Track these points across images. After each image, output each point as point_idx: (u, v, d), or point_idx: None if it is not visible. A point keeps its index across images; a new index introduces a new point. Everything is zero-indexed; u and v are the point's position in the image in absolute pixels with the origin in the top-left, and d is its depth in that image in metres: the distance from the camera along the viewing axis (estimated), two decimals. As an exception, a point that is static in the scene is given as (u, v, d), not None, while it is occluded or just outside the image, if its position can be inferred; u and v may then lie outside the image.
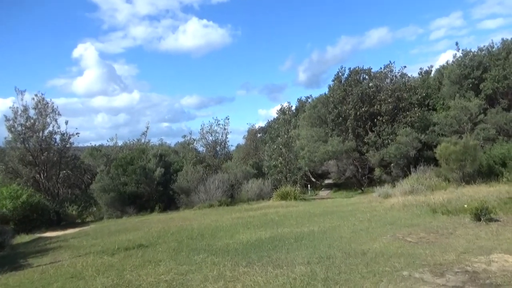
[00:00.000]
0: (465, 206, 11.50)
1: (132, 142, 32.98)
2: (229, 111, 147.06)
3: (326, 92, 34.32)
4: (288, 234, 10.28)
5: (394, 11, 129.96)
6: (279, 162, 26.63)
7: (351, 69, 32.76)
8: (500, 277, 5.43)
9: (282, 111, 36.26)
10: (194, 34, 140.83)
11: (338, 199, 23.61)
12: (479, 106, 28.38)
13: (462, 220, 9.73)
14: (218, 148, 32.49)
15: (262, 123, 63.34)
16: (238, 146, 43.80)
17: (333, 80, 33.27)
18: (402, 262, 6.38)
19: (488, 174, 24.43)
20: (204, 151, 32.64)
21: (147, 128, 33.66)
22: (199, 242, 10.34)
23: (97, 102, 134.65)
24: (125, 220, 20.84)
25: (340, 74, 32.93)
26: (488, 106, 29.83)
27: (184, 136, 35.52)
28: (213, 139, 32.30)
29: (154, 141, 37.31)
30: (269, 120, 46.82)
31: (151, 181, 27.59)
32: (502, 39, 32.17)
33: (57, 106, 25.93)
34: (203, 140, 32.08)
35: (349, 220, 11.76)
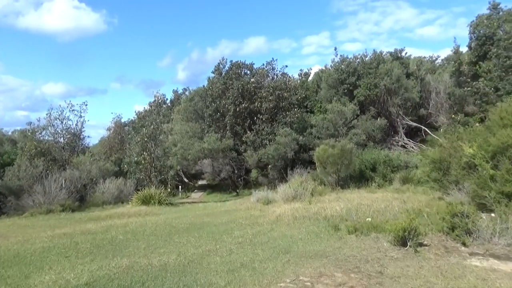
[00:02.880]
0: (369, 219, 8.78)
1: None
2: (101, 104, 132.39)
3: (205, 85, 30.47)
4: (121, 274, 5.93)
5: (272, 22, 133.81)
6: (142, 158, 21.55)
7: (233, 62, 29.64)
8: None
9: (155, 103, 31.16)
10: (62, 14, 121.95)
11: (211, 204, 19.85)
12: (353, 111, 28.02)
13: (380, 244, 6.74)
14: (70, 139, 25.73)
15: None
16: (101, 140, 36.90)
17: (212, 72, 29.69)
18: None
19: (359, 178, 23.80)
20: (51, 142, 25.49)
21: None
22: None
23: None
24: None
25: (220, 66, 29.49)
26: (359, 113, 29.85)
27: (30, 123, 27.72)
28: (64, 127, 25.47)
29: None
30: (138, 111, 39.00)
31: (-37, 177, 19.86)
32: (374, 50, 32.99)
33: None
34: (50, 128, 24.99)
35: (224, 241, 7.94)
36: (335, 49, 33.28)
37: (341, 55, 31.09)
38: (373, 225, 7.79)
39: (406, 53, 34.68)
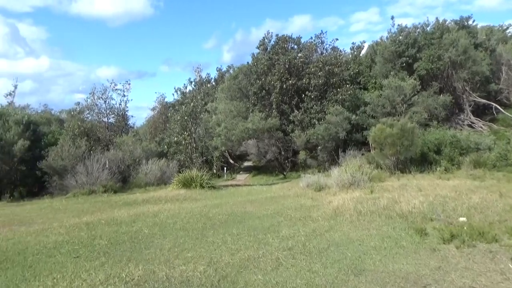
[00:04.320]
0: (463, 219, 6.43)
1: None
2: (151, 86, 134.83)
3: (250, 62, 28.37)
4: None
5: (317, 0, 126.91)
6: (182, 138, 19.80)
7: (279, 36, 27.20)
8: None
9: (195, 80, 29.59)
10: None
11: (256, 188, 18.01)
12: (413, 87, 24.69)
13: (502, 265, 4.45)
14: (114, 119, 24.95)
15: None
16: (148, 120, 36.26)
17: (257, 47, 27.46)
18: None
19: (421, 161, 21.00)
20: (94, 122, 24.81)
21: (15, 87, 24.50)
22: None
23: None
24: None
25: (266, 40, 27.18)
26: (419, 89, 26.44)
27: (78, 104, 27.32)
28: (108, 106, 24.67)
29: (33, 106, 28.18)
30: (177, 88, 35.53)
31: (9, 157, 19.53)
32: (436, 18, 29.07)
33: None
34: (93, 107, 24.27)
35: (269, 245, 6.01)
36: (392, 18, 29.47)
37: (398, 25, 27.54)
38: (478, 230, 5.45)
39: (473, 21, 30.25)
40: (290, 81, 24.90)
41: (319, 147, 24.74)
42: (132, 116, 29.08)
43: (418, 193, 9.22)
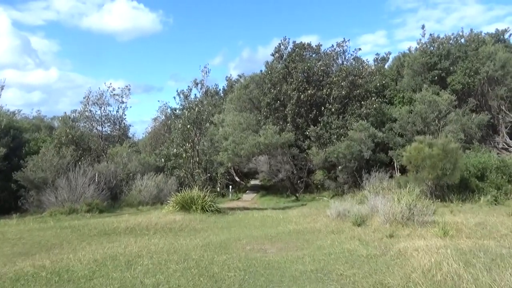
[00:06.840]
0: None
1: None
2: (157, 101, 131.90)
3: (263, 71, 25.28)
4: None
5: (325, 21, 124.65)
6: (183, 150, 16.28)
7: (296, 43, 24.16)
8: None
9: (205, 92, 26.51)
10: (121, 15, 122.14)
11: (270, 214, 14.47)
12: (450, 103, 21.39)
13: None
14: (110, 128, 21.75)
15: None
16: (149, 131, 33.09)
17: (272, 55, 24.37)
18: None
19: (459, 188, 17.63)
20: (86, 129, 21.56)
21: (1, 88, 21.36)
22: None
23: (6, 76, 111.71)
24: None
25: (282, 47, 24.11)
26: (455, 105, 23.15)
27: (74, 111, 24.21)
28: (103, 113, 21.49)
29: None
30: (180, 90, 31.59)
31: (-21, 166, 16.30)
32: (471, 29, 26.06)
33: None
34: (86, 113, 21.06)
35: None
36: (423, 27, 26.56)
37: (430, 35, 24.43)
38: None
39: (510, 35, 27.11)
40: (308, 91, 21.69)
41: (339, 167, 21.32)
42: (131, 126, 25.88)
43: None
